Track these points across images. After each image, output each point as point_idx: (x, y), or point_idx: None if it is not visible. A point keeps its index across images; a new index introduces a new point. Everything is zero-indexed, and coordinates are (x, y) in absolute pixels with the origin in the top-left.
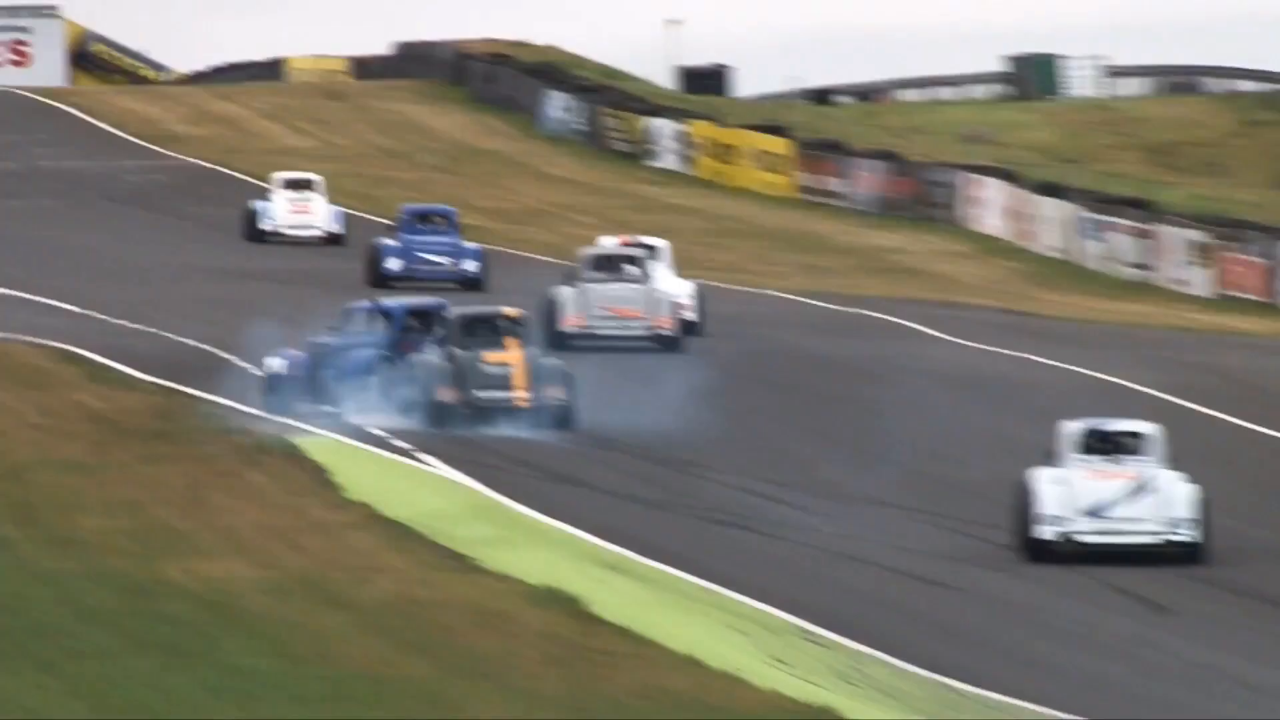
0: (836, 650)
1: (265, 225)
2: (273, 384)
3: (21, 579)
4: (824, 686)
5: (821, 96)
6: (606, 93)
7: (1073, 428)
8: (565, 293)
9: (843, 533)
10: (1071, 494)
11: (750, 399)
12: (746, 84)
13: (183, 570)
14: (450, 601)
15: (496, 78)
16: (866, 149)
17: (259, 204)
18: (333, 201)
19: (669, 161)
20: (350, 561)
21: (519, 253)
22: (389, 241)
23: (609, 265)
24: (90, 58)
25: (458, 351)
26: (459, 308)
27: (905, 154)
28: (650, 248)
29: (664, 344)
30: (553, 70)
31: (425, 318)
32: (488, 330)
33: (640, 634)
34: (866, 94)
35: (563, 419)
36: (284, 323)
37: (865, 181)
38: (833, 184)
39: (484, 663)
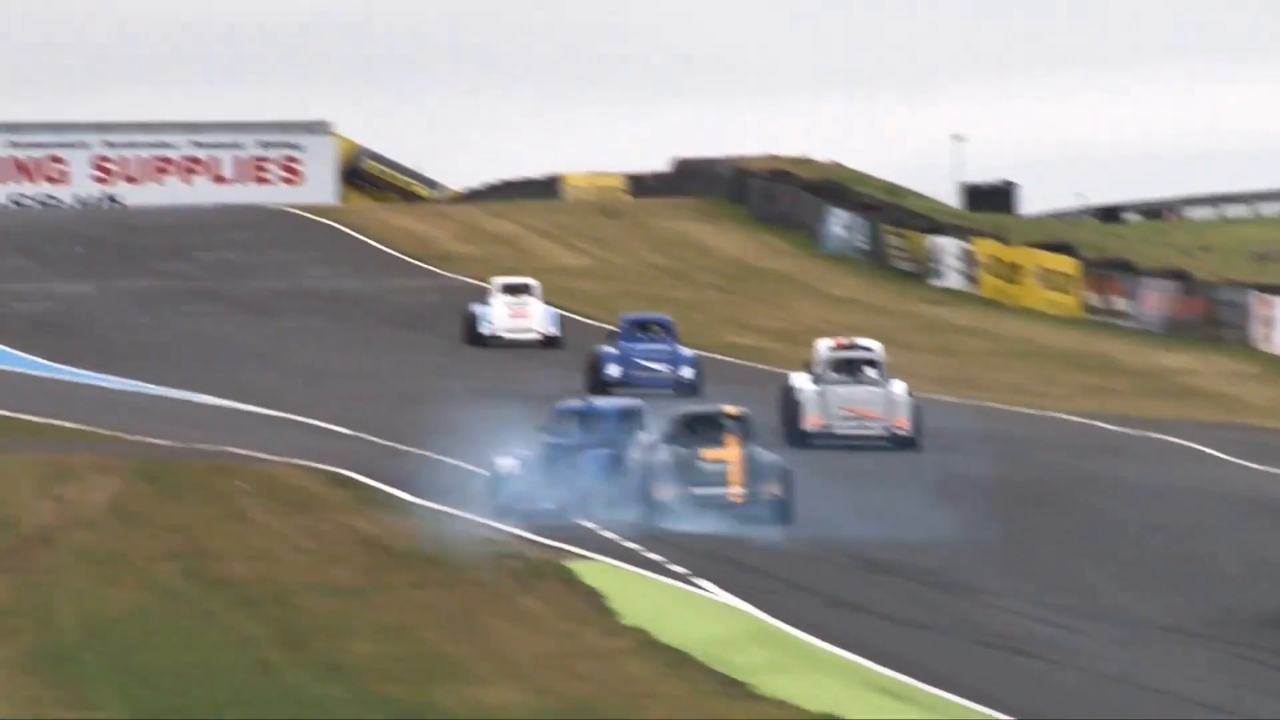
0: None
1: (484, 329)
2: (502, 484)
3: (291, 705)
4: None
5: (1109, 214)
6: (889, 210)
7: None
8: (807, 393)
9: (1128, 659)
10: None
11: (1030, 521)
12: (1032, 201)
13: (455, 697)
14: None
15: (777, 195)
16: (1155, 268)
17: (478, 308)
18: (606, 320)
19: (953, 280)
20: (625, 688)
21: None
22: (609, 349)
23: (848, 368)
24: (362, 174)
25: (679, 449)
26: (683, 406)
27: (1194, 273)
28: (868, 349)
29: (900, 444)
30: (834, 187)
31: (630, 418)
32: (709, 428)
33: None
34: (1155, 211)
35: (780, 514)
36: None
37: (1153, 301)
38: (1120, 303)
39: None
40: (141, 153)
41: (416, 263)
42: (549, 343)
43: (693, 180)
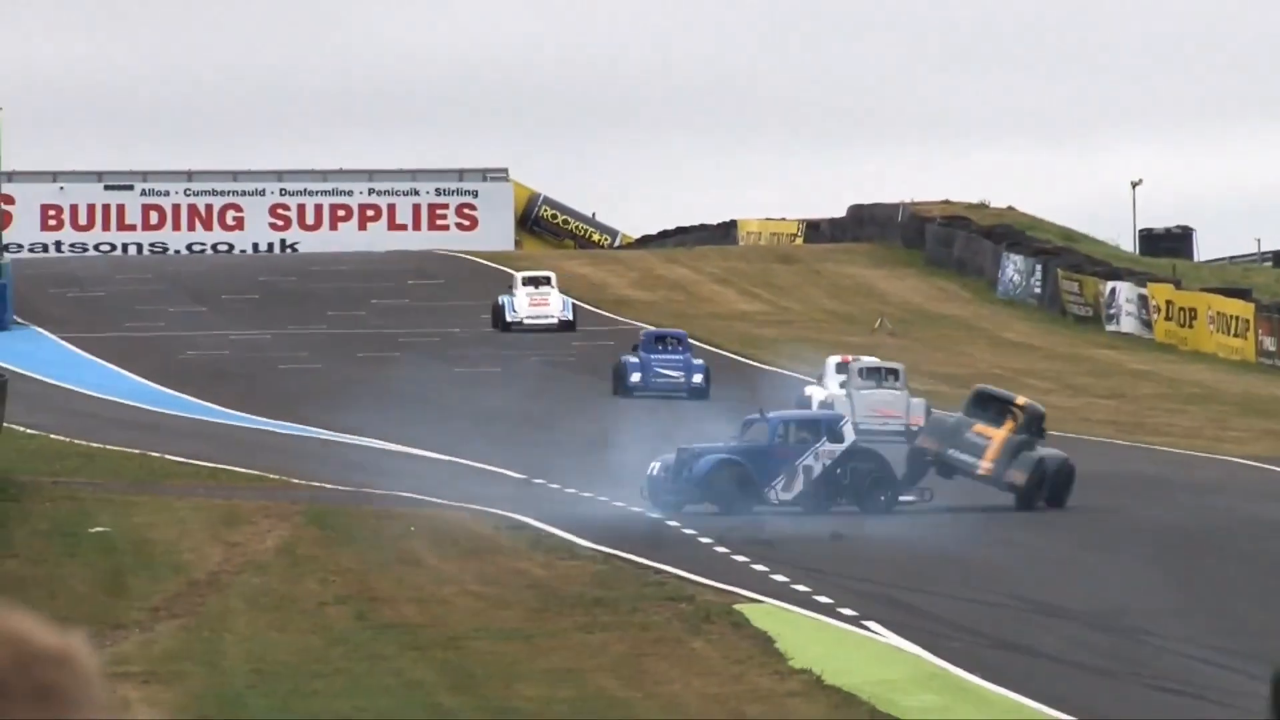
0: None
1: (510, 317)
2: (650, 485)
3: None
4: None
5: None
6: (1065, 255)
7: None
8: (839, 399)
9: None
10: None
11: (1201, 565)
12: (1209, 246)
13: None
14: None
15: (952, 240)
16: None
17: (504, 299)
18: (781, 366)
19: (1127, 325)
20: None
21: None
22: (632, 358)
23: (874, 375)
24: (538, 221)
25: (960, 415)
26: (987, 387)
27: None
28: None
29: (909, 438)
30: (1010, 232)
31: (813, 426)
32: (996, 410)
33: None
34: None
35: (1019, 500)
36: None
37: None
38: None
39: None
40: (318, 200)
41: (592, 308)
42: (565, 326)
43: (868, 226)
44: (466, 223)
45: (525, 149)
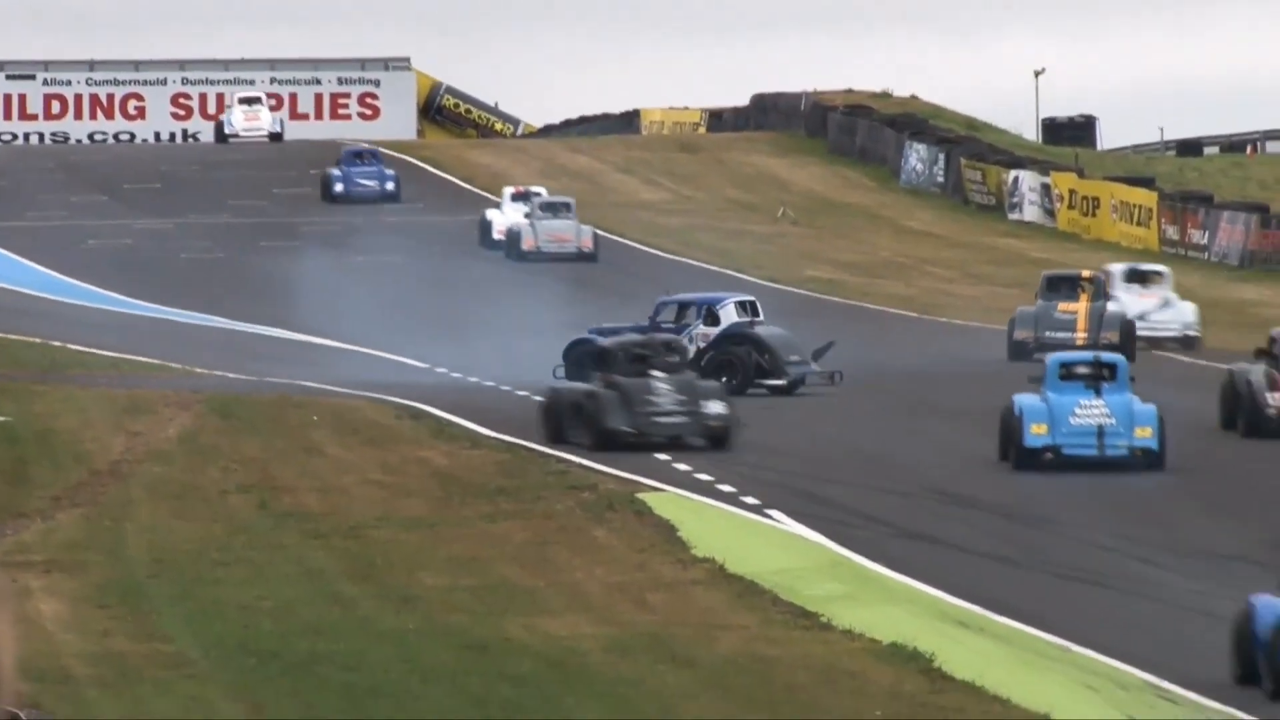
0: (1190, 709)
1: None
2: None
3: (363, 637)
4: None
5: (1188, 148)
6: (968, 144)
7: None
8: (522, 225)
9: (1200, 589)
10: None
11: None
12: (1112, 135)
13: (525, 628)
14: (797, 659)
15: (855, 129)
16: (1233, 201)
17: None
18: (683, 254)
19: (1030, 214)
20: (696, 619)
21: (871, 305)
22: (335, 171)
23: (551, 208)
24: (441, 110)
25: (1040, 302)
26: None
27: (1274, 206)
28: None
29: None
30: (913, 121)
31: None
32: (1068, 287)
33: (991, 691)
34: (1234, 145)
35: (1127, 355)
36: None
37: (1231, 234)
38: (1198, 237)
39: None
40: (220, 89)
41: (495, 198)
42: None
43: (770, 115)
44: (369, 112)
45: (427, 38)
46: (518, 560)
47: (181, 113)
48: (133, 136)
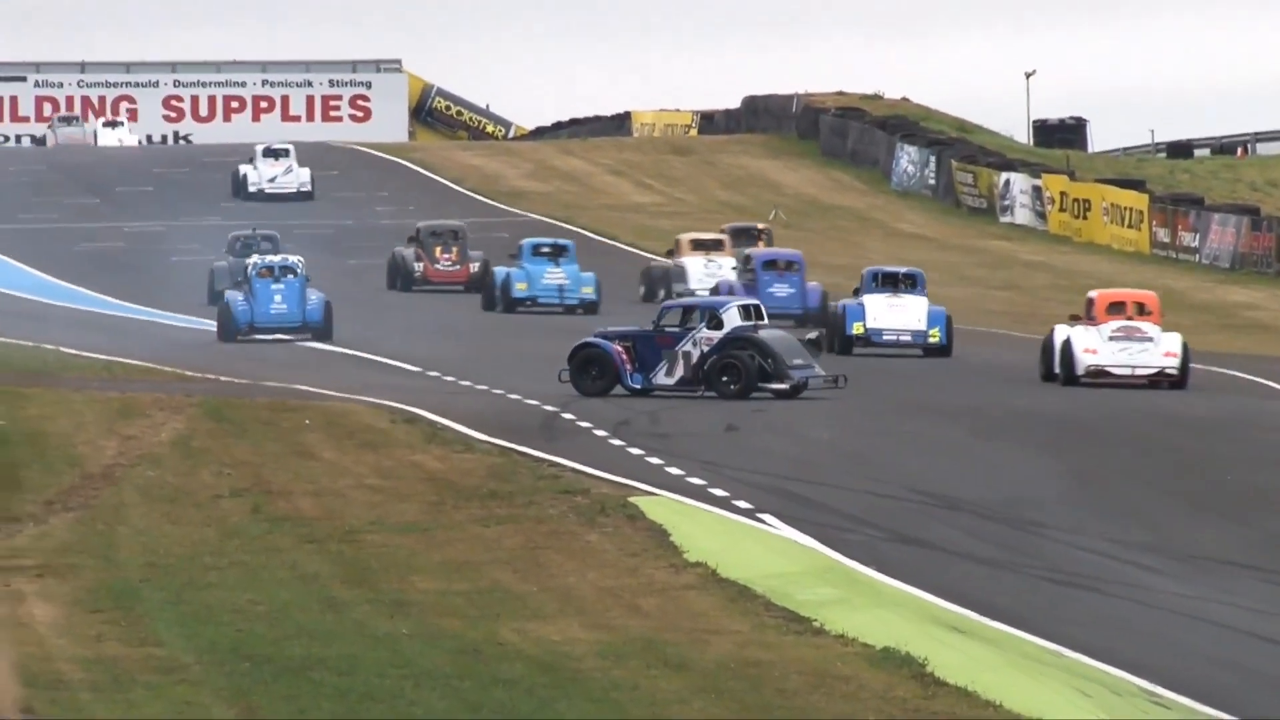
0: (1182, 713)
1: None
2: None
3: (356, 641)
4: None
5: (1179, 150)
6: (959, 146)
7: None
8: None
9: (1192, 593)
10: None
11: (1098, 456)
12: (1103, 137)
13: (518, 632)
14: (789, 663)
15: (846, 131)
16: (1224, 203)
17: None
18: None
19: (1022, 217)
20: (688, 623)
21: None
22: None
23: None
24: (432, 112)
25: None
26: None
27: (1264, 208)
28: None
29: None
30: (904, 123)
31: (693, 312)
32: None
33: (983, 696)
34: (1225, 148)
35: None
36: None
37: (1222, 237)
38: (1188, 239)
39: None
40: (212, 91)
41: (485, 200)
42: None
43: (762, 117)
44: (360, 114)
45: (419, 40)
46: (510, 565)
47: (173, 115)
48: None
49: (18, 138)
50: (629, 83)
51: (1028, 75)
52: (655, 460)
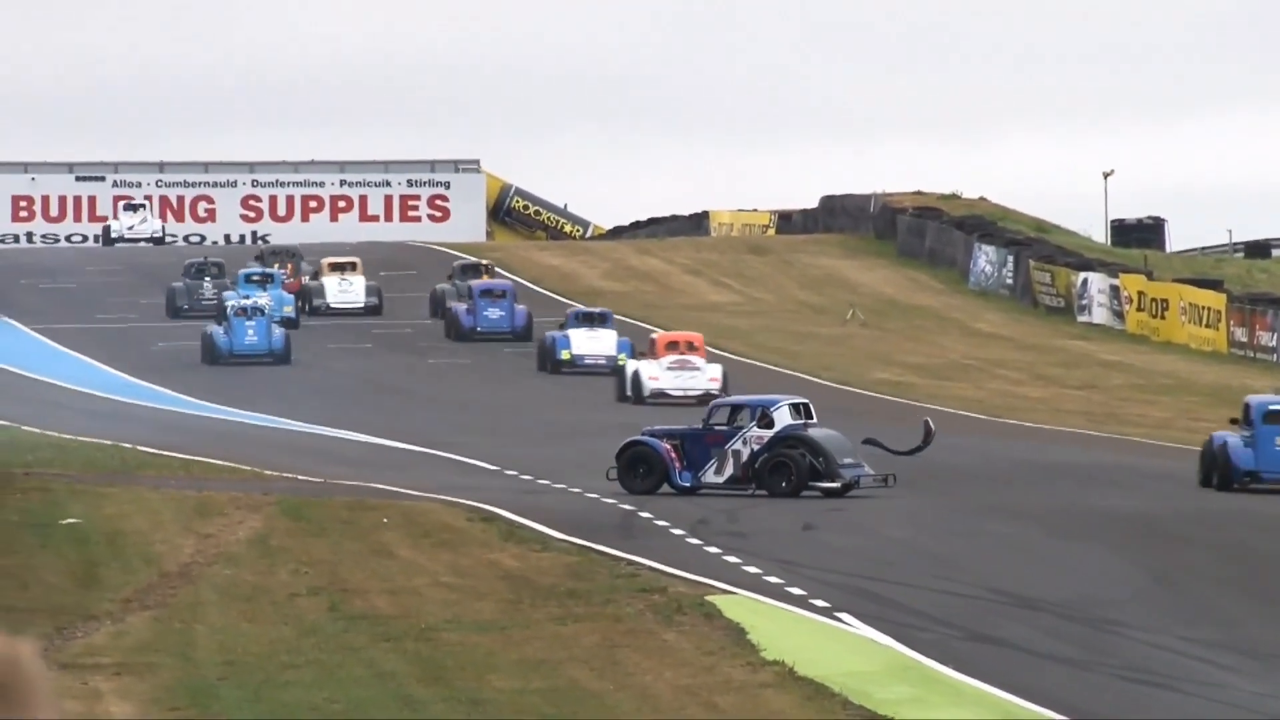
0: None
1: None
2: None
3: None
4: None
5: (1257, 250)
6: (1036, 245)
7: None
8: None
9: (1267, 692)
10: None
11: (1177, 555)
12: (1181, 237)
13: None
14: None
15: (924, 231)
16: None
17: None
18: (751, 356)
19: (1099, 316)
20: None
21: (942, 408)
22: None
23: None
24: (510, 212)
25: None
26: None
27: None
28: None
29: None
30: (981, 223)
31: (743, 411)
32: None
33: None
34: None
35: None
36: None
37: None
38: (1266, 338)
39: None
40: (290, 191)
41: (564, 299)
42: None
43: (840, 216)
44: (438, 214)
45: (497, 140)
46: (587, 663)
47: (251, 215)
48: (203, 238)
49: (95, 238)
50: (707, 182)
51: (1105, 175)
52: (733, 559)
